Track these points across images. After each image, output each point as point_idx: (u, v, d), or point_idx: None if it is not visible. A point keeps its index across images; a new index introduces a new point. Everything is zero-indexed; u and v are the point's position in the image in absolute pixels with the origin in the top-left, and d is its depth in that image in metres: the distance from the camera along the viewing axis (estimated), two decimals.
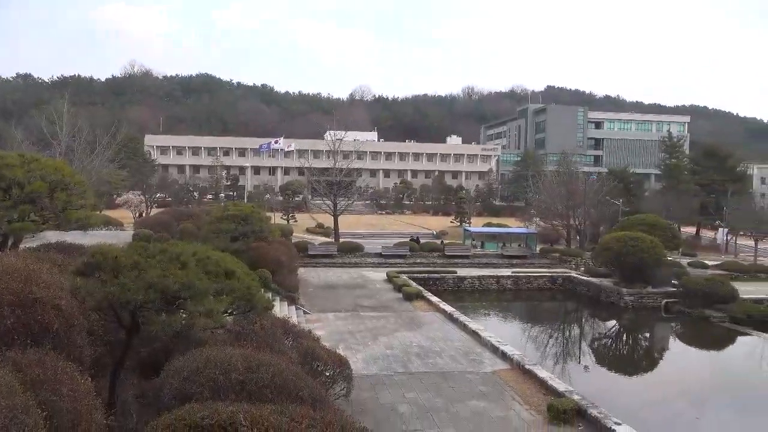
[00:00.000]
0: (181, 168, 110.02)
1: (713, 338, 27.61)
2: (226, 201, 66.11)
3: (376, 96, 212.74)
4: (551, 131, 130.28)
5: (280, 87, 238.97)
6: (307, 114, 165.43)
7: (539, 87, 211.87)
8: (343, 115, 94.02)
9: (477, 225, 63.19)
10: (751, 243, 57.95)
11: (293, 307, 23.76)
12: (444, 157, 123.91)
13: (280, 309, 21.53)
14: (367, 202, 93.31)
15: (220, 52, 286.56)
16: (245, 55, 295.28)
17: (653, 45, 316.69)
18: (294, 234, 50.39)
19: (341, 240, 47.41)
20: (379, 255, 43.32)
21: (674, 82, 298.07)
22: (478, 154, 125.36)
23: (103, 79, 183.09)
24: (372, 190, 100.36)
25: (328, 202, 49.23)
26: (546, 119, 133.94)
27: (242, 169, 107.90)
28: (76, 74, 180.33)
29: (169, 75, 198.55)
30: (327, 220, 56.72)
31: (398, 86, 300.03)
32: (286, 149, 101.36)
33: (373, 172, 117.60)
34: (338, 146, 51.86)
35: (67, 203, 15.26)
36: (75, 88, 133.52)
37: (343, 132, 53.82)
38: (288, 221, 62.61)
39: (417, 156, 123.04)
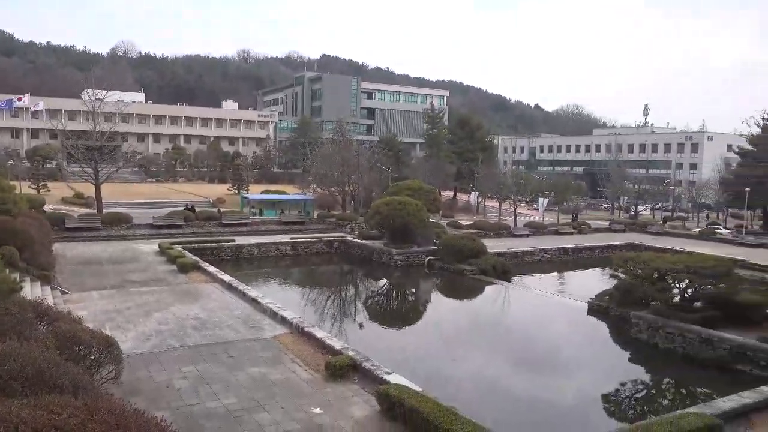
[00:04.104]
0: None
1: (466, 289, 31.44)
2: None
3: (143, 53, 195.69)
4: (327, 100, 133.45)
5: (23, 35, 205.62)
6: (59, 69, 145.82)
7: (315, 55, 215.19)
8: (103, 72, 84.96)
9: (255, 192, 62.67)
10: (496, 204, 66.84)
11: (48, 288, 21.20)
12: (220, 122, 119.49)
13: (32, 290, 19.08)
14: (135, 169, 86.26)
15: None
16: None
17: (417, 21, 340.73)
18: (48, 205, 44.71)
19: (105, 211, 43.31)
20: (151, 226, 40.67)
21: (436, 58, 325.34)
22: (256, 120, 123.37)
23: None
24: (140, 156, 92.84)
25: (89, 169, 44.32)
26: (322, 87, 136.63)
27: None
28: None
29: None
30: (88, 190, 51.24)
31: (167, 44, 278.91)
32: (32, 108, 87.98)
33: (141, 137, 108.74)
34: (98, 107, 46.71)
35: None
36: None
37: (105, 91, 48.48)
38: (39, 191, 55.23)
39: (190, 120, 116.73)
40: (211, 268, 27.22)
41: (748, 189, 53.02)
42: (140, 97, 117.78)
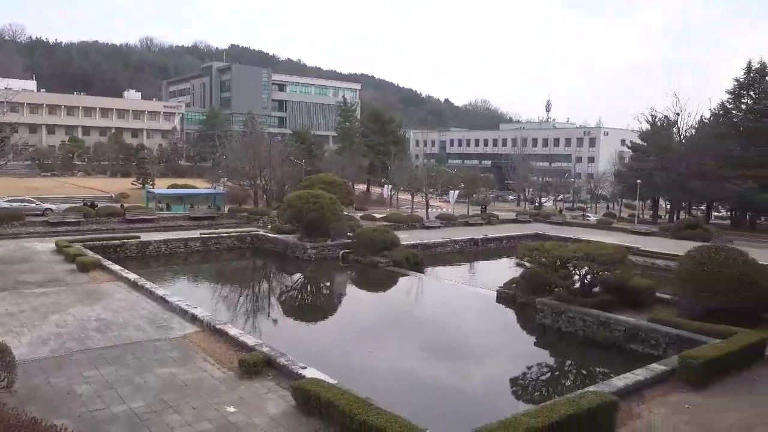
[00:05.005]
0: None
1: (380, 280, 31.76)
2: None
3: (33, 38, 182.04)
4: (237, 91, 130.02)
5: None
6: None
7: (223, 45, 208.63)
8: None
9: (162, 186, 60.15)
10: (409, 197, 67.90)
11: None
12: (121, 113, 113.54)
13: None
14: (28, 162, 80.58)
15: None
16: None
17: (328, 13, 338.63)
18: None
19: None
20: (46, 223, 38.17)
21: (347, 51, 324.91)
22: (161, 111, 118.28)
23: None
24: (33, 148, 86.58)
25: None
26: (231, 78, 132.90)
27: None
28: None
29: None
30: None
31: (61, 29, 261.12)
32: None
33: (34, 128, 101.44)
34: None
35: None
36: None
37: None
38: None
39: (89, 111, 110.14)
40: (115, 267, 25.92)
41: (639, 181, 56.96)
42: (31, 84, 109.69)
